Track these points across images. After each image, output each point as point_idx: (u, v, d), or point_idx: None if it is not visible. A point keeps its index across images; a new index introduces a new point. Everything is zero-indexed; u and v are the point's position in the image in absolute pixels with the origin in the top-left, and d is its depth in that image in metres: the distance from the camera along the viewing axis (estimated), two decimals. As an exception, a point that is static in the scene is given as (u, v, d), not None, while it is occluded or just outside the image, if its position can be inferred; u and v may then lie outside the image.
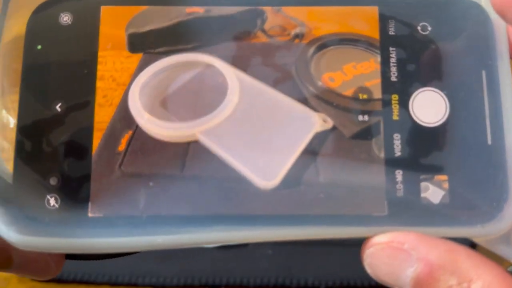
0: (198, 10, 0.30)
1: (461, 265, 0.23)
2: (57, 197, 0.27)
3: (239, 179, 0.28)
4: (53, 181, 0.28)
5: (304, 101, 0.29)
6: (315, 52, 0.30)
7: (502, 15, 0.27)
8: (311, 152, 0.28)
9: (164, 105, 0.29)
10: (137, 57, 0.29)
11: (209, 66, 0.29)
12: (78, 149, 0.28)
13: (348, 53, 0.30)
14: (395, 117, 0.29)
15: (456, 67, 0.29)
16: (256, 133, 0.29)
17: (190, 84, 0.29)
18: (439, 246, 0.24)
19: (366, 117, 0.29)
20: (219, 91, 0.29)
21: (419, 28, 0.30)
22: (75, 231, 0.27)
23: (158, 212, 0.28)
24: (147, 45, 0.29)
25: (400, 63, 0.29)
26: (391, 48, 0.29)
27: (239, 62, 0.29)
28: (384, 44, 0.29)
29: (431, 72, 0.29)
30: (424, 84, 0.29)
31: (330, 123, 0.29)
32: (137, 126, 0.28)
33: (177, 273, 0.54)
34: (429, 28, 0.29)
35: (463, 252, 0.24)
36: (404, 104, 0.29)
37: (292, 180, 0.28)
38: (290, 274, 0.54)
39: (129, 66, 0.29)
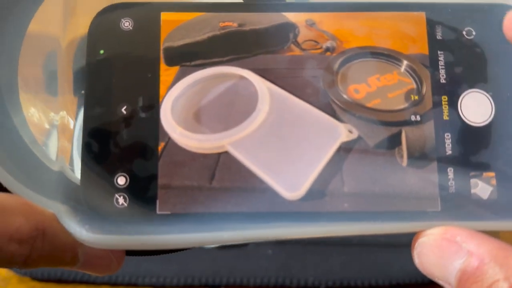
0: (232, 24, 0.31)
1: (510, 261, 0.25)
2: (126, 196, 0.29)
3: (266, 190, 0.29)
4: (121, 180, 0.29)
5: (331, 112, 0.30)
6: (341, 65, 0.31)
7: None
8: (337, 161, 0.30)
9: (196, 117, 0.30)
10: (174, 70, 0.30)
11: (241, 78, 0.31)
12: (145, 149, 0.29)
13: (373, 66, 0.31)
14: (445, 117, 0.30)
15: (500, 69, 0.31)
16: (283, 144, 0.30)
17: (221, 97, 0.30)
18: (491, 243, 0.25)
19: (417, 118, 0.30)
20: (250, 104, 0.30)
21: (464, 32, 0.31)
22: (144, 228, 0.28)
23: (221, 210, 0.29)
24: (183, 58, 0.30)
25: (448, 66, 0.31)
26: (439, 52, 0.31)
27: (271, 74, 0.31)
28: (432, 48, 0.31)
29: (477, 74, 0.31)
30: (471, 86, 0.31)
31: (355, 134, 0.30)
32: (169, 138, 0.29)
33: (177, 273, 0.55)
34: (474, 33, 0.31)
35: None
36: (453, 104, 0.31)
37: (318, 190, 0.30)
38: (290, 274, 0.55)
39: (166, 79, 0.30)
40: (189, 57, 0.31)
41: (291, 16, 0.31)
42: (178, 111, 0.30)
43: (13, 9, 0.30)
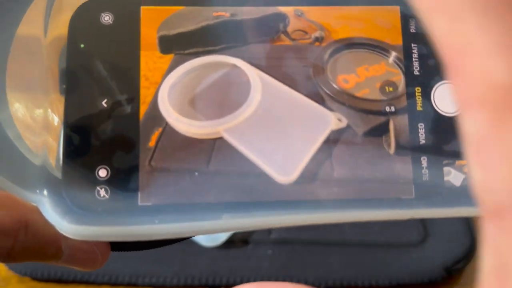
0: (225, 14, 0.33)
1: None
2: (107, 188, 0.30)
3: (260, 174, 0.31)
4: (102, 173, 0.30)
5: (320, 101, 0.32)
6: (331, 55, 0.33)
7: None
8: (326, 148, 0.32)
9: (192, 104, 0.32)
10: (169, 58, 0.32)
11: (234, 67, 0.33)
12: (125, 142, 0.30)
13: (361, 56, 0.33)
14: (419, 108, 0.32)
15: None
16: (275, 131, 0.32)
17: (216, 84, 0.32)
18: None
19: (390, 109, 0.32)
20: (243, 91, 0.32)
21: None
22: (126, 219, 0.29)
23: (203, 200, 0.30)
24: (177, 46, 0.32)
25: (422, 59, 0.33)
26: (413, 45, 0.33)
27: (262, 64, 0.33)
28: (406, 41, 0.33)
29: None
30: (444, 77, 0.33)
31: (344, 122, 0.32)
32: (166, 123, 0.31)
33: (177, 273, 0.57)
34: None
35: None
36: (426, 96, 0.33)
37: (309, 175, 0.31)
38: (290, 274, 0.57)
39: (161, 66, 0.32)
40: (183, 45, 0.32)
41: (281, 7, 0.33)
42: (174, 97, 0.32)
43: (1, 12, 0.31)
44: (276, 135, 0.32)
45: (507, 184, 0.15)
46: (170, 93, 0.32)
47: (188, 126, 0.31)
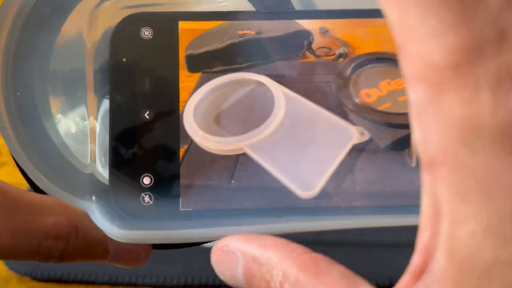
0: (250, 33, 0.34)
1: (270, 256, 0.26)
2: (151, 194, 0.31)
3: (282, 189, 0.32)
4: (146, 180, 0.32)
5: (343, 115, 0.33)
6: (353, 70, 0.34)
7: None
8: (349, 162, 0.32)
9: (216, 121, 0.33)
10: (196, 76, 0.33)
11: (259, 84, 0.33)
12: (167, 151, 0.32)
13: (383, 71, 0.34)
14: None
15: None
16: (298, 146, 0.33)
17: (240, 101, 0.33)
18: (254, 241, 0.27)
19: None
20: (267, 108, 0.33)
21: None
22: (169, 224, 0.31)
23: (240, 206, 0.32)
24: (204, 65, 0.33)
25: None
26: None
27: (287, 80, 0.33)
28: None
29: None
30: None
31: (366, 136, 0.33)
32: (191, 141, 0.32)
33: (177, 273, 0.57)
34: None
35: (271, 242, 0.27)
36: None
37: (331, 189, 0.32)
38: (291, 274, 0.57)
39: (189, 85, 0.33)
40: (209, 64, 0.33)
41: (306, 24, 0.34)
42: (200, 115, 0.33)
43: (42, 24, 0.33)
44: (298, 150, 0.33)
45: (438, 142, 0.18)
46: (195, 111, 0.33)
47: (211, 143, 0.32)
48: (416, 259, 0.20)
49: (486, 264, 0.18)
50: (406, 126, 0.33)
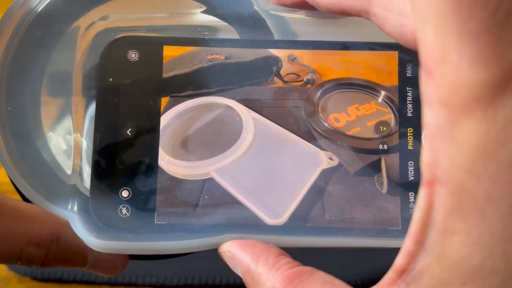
0: (219, 57, 0.35)
1: (260, 272, 0.31)
2: (128, 207, 0.34)
3: (250, 216, 0.33)
4: (124, 194, 0.34)
5: (312, 140, 0.34)
6: (321, 95, 0.35)
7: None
8: (317, 189, 0.33)
9: (183, 145, 0.34)
10: (164, 100, 0.35)
11: (227, 108, 0.34)
12: (145, 167, 0.34)
13: (351, 96, 0.35)
14: (410, 147, 0.34)
15: None
16: (266, 172, 0.34)
17: (208, 125, 0.34)
18: (249, 253, 0.31)
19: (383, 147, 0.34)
20: (235, 132, 0.34)
21: None
22: (143, 235, 0.33)
23: (211, 221, 0.34)
24: (172, 89, 0.35)
25: (415, 102, 0.35)
26: (408, 88, 0.35)
27: (256, 105, 0.35)
28: (401, 84, 0.35)
29: None
30: None
31: (336, 161, 0.34)
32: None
33: (177, 273, 0.58)
34: None
35: (264, 258, 0.31)
36: (418, 136, 0.34)
37: (299, 216, 0.33)
38: (290, 275, 0.58)
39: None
40: (178, 88, 0.35)
41: (275, 51, 0.35)
42: (166, 139, 0.34)
43: (36, 44, 0.35)
44: (266, 176, 0.34)
45: (446, 166, 0.20)
46: (161, 136, 0.34)
47: (176, 168, 0.34)
48: (399, 260, 0.23)
49: (473, 269, 0.21)
50: (375, 152, 0.34)
